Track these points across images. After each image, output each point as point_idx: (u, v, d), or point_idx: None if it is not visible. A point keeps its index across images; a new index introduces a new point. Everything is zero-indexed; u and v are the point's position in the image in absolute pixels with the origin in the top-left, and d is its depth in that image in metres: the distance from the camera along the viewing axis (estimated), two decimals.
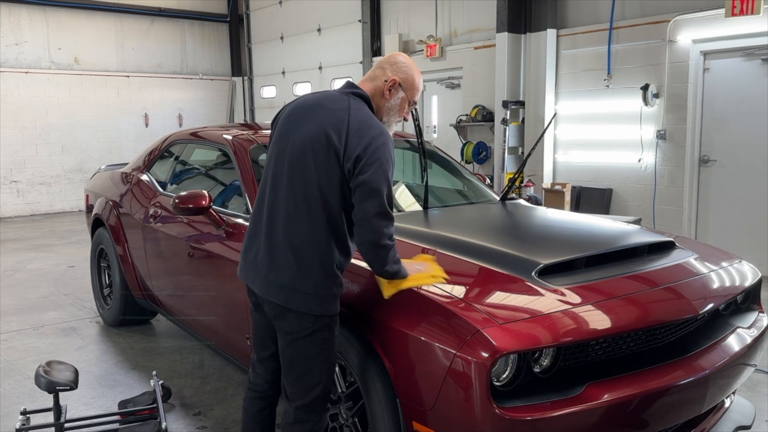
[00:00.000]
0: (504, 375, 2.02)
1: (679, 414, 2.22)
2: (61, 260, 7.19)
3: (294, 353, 2.15)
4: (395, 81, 2.20)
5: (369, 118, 2.12)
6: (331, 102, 2.15)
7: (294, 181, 2.09)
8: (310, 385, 2.15)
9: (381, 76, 2.22)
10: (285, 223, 2.09)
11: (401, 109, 2.26)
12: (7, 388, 3.71)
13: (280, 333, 2.17)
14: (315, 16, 11.16)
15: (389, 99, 2.21)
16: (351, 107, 2.12)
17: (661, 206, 6.62)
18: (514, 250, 2.52)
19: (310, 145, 2.08)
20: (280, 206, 2.11)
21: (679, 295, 2.39)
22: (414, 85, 2.24)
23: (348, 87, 2.23)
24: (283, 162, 2.14)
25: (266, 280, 2.12)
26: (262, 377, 2.38)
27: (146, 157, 4.63)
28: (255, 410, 2.39)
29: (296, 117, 2.19)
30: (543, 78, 7.44)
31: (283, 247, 2.08)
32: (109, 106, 11.65)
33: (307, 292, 2.07)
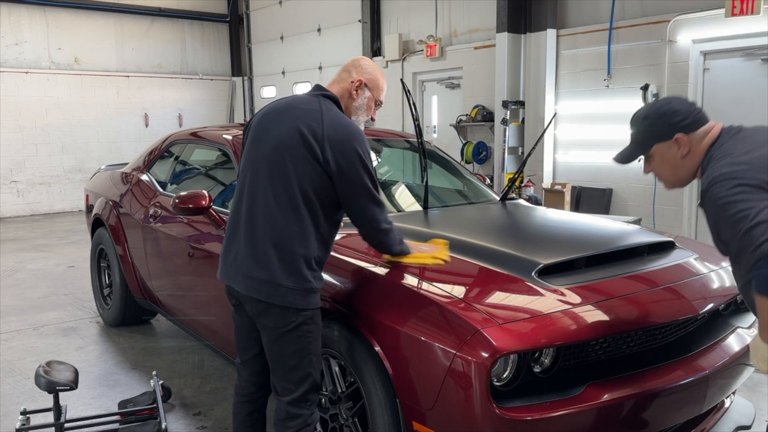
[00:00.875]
0: (504, 375, 2.01)
1: (679, 414, 2.22)
2: (61, 260, 7.19)
3: (280, 349, 2.18)
4: (361, 81, 2.31)
5: (340, 116, 2.22)
6: (302, 103, 2.24)
7: (274, 180, 2.15)
8: (299, 378, 2.19)
9: (347, 78, 2.33)
10: (266, 222, 2.14)
11: (368, 108, 2.36)
12: (7, 388, 3.71)
13: (264, 330, 2.20)
14: (315, 16, 11.16)
15: (356, 99, 2.32)
16: (322, 107, 2.21)
17: (661, 206, 6.62)
18: (514, 250, 2.52)
19: (287, 144, 2.15)
20: (259, 206, 2.16)
21: (679, 295, 2.39)
22: (378, 85, 2.35)
23: (316, 89, 2.31)
24: (260, 164, 2.20)
25: (248, 278, 2.15)
26: (248, 380, 2.41)
27: (146, 157, 4.63)
28: (244, 414, 2.42)
29: (269, 120, 2.26)
30: (543, 78, 7.44)
31: (264, 244, 2.13)
32: (109, 106, 11.65)
33: (290, 286, 2.11)
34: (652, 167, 1.98)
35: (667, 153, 1.91)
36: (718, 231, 1.75)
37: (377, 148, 4.00)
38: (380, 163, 3.99)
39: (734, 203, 1.63)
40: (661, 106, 1.93)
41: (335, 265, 2.51)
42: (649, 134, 1.93)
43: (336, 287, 2.44)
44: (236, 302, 2.30)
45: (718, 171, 1.71)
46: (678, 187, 1.99)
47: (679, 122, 1.90)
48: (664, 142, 1.90)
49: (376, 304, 2.28)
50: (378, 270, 2.41)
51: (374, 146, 3.98)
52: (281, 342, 2.16)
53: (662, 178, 1.99)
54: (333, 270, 2.49)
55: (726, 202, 1.64)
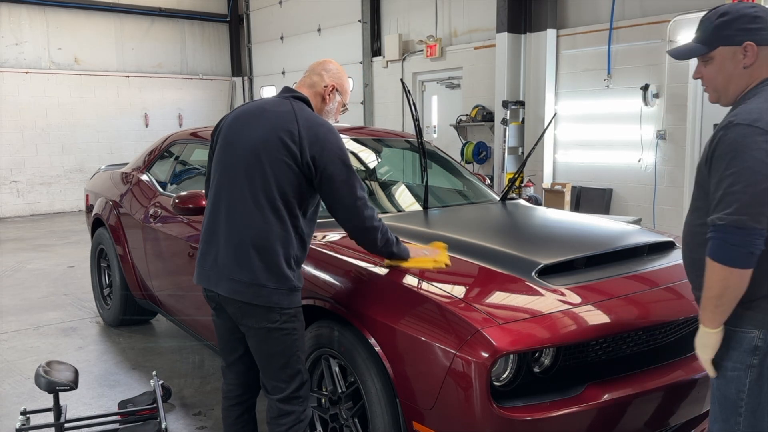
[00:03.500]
0: (504, 375, 2.02)
1: (679, 414, 2.22)
2: (61, 260, 7.19)
3: (268, 349, 2.20)
4: (333, 86, 2.35)
5: (314, 116, 2.25)
6: (274, 106, 2.25)
7: (252, 184, 2.15)
8: (288, 376, 2.22)
9: (320, 82, 2.34)
10: (246, 224, 2.15)
11: (337, 111, 2.41)
12: (7, 388, 3.71)
13: (250, 332, 2.21)
14: (315, 16, 11.16)
15: (328, 103, 2.36)
16: (295, 108, 2.22)
17: (661, 206, 6.62)
18: (514, 250, 2.52)
19: (263, 147, 2.16)
20: (238, 210, 2.17)
21: (679, 295, 2.39)
22: (346, 90, 2.41)
23: (286, 92, 2.32)
24: (236, 168, 2.20)
25: (231, 280, 2.16)
26: (234, 382, 2.42)
27: (146, 157, 4.63)
28: (234, 418, 2.43)
29: (241, 124, 2.26)
30: (543, 78, 7.44)
31: (245, 246, 2.14)
32: (109, 106, 11.66)
33: (273, 287, 2.13)
34: (705, 72, 1.80)
35: (730, 60, 1.74)
36: (712, 165, 1.66)
37: (377, 148, 4.00)
38: (380, 163, 3.99)
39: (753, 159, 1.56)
40: (744, 6, 1.74)
41: (335, 265, 2.51)
42: (718, 33, 1.74)
43: (336, 287, 2.44)
44: (216, 306, 2.31)
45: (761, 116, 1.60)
46: (721, 103, 1.82)
47: (756, 29, 1.71)
48: (731, 47, 1.72)
49: (376, 304, 2.28)
50: (378, 270, 2.41)
51: (374, 146, 3.98)
52: (268, 342, 2.19)
53: (711, 87, 1.81)
54: (333, 270, 2.50)
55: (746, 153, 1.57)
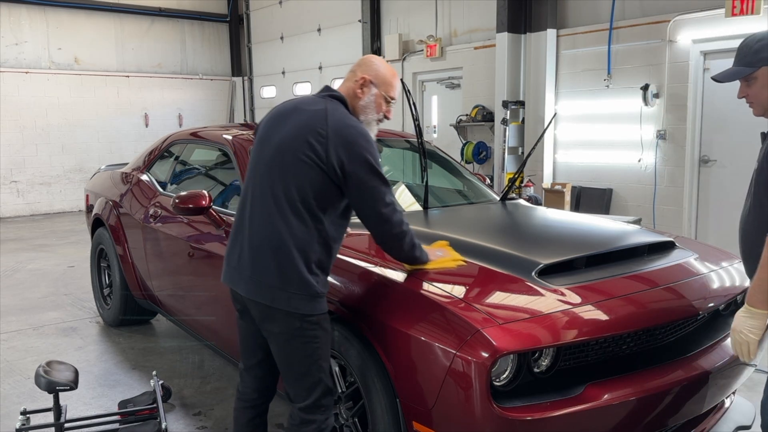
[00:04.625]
0: (504, 375, 2.02)
1: (679, 414, 2.22)
2: (61, 260, 7.19)
3: (288, 355, 2.15)
4: (365, 78, 2.23)
5: (346, 117, 2.17)
6: (307, 105, 2.20)
7: (275, 183, 2.12)
8: (310, 385, 2.15)
9: (352, 77, 2.27)
10: (265, 226, 2.11)
11: (378, 106, 2.26)
12: (7, 388, 3.71)
13: (271, 337, 2.17)
14: (315, 16, 11.16)
15: (362, 97, 2.24)
16: (328, 108, 2.16)
17: (661, 206, 6.62)
18: (514, 250, 2.52)
19: (289, 147, 2.12)
20: (260, 209, 2.14)
21: (679, 295, 2.39)
22: (386, 81, 2.26)
23: (324, 90, 2.28)
24: (263, 167, 2.17)
25: (251, 281, 2.12)
26: (250, 386, 2.39)
27: (146, 157, 4.63)
28: (246, 420, 2.40)
29: (275, 121, 2.23)
30: (543, 78, 7.44)
31: (264, 248, 2.10)
32: (109, 106, 11.65)
33: (292, 291, 2.07)
34: (750, 91, 2.03)
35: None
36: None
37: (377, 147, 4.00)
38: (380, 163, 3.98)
39: None
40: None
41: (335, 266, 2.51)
42: (759, 55, 1.97)
43: (336, 287, 2.44)
44: (241, 307, 2.27)
45: None
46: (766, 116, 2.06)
47: None
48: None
49: (376, 304, 2.28)
50: (378, 270, 2.41)
51: None
52: (289, 348, 2.13)
53: (757, 104, 2.04)
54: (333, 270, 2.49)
55: None
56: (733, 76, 2.03)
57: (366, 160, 2.09)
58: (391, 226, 2.16)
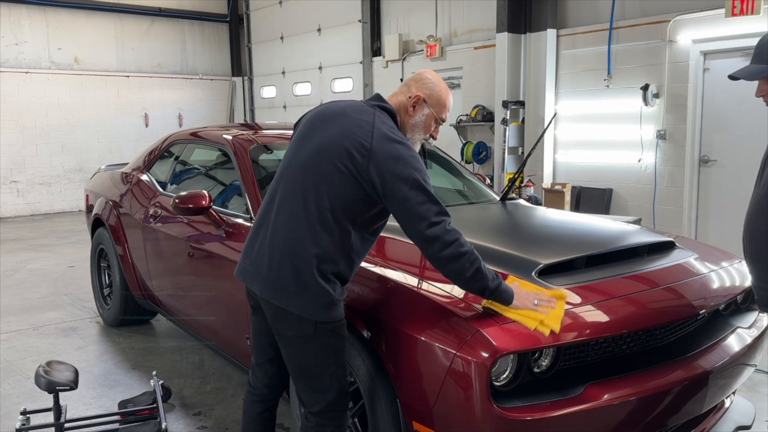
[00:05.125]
0: (504, 375, 2.01)
1: (679, 414, 2.22)
2: (61, 260, 7.19)
3: (300, 360, 2.10)
4: (419, 97, 2.14)
5: (392, 131, 2.06)
6: (355, 111, 2.09)
7: (307, 189, 2.03)
8: (321, 390, 2.10)
9: (406, 92, 2.17)
10: (288, 230, 2.04)
11: (427, 126, 2.19)
12: (7, 388, 3.71)
13: (283, 340, 2.12)
14: (315, 16, 11.16)
15: (413, 115, 2.15)
16: (375, 119, 2.05)
17: (661, 206, 6.62)
18: (514, 250, 2.52)
19: (328, 152, 2.02)
20: (287, 211, 2.06)
21: (679, 295, 2.39)
22: (441, 102, 2.16)
23: (375, 99, 2.17)
24: (298, 168, 2.08)
25: (267, 281, 2.06)
26: (261, 381, 2.36)
27: (146, 157, 4.63)
28: (255, 413, 2.37)
29: (319, 121, 2.13)
30: (543, 78, 7.44)
31: (282, 252, 2.03)
32: (109, 106, 11.65)
33: (307, 297, 2.01)
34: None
35: None
36: None
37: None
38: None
39: None
40: None
41: None
42: None
43: None
44: (254, 304, 2.23)
45: None
46: None
47: None
48: None
49: (376, 304, 2.28)
50: (378, 270, 2.41)
51: None
52: (301, 353, 2.09)
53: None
54: None
55: None
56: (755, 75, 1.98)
57: (410, 176, 1.96)
58: (433, 248, 1.97)
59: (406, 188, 1.96)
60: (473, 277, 1.98)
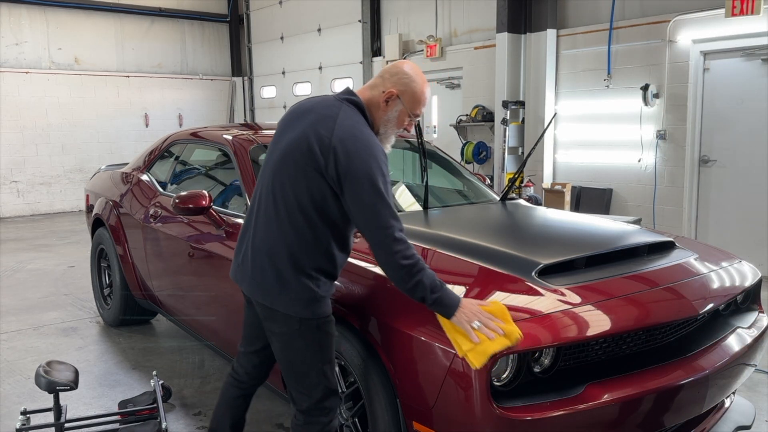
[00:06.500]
0: (504, 375, 2.02)
1: (679, 414, 2.22)
2: (61, 260, 7.19)
3: (288, 356, 2.14)
4: (393, 93, 2.08)
5: (356, 125, 2.02)
6: (322, 107, 2.08)
7: (277, 187, 2.07)
8: (309, 386, 2.13)
9: (380, 85, 2.11)
10: (266, 228, 2.09)
11: (400, 121, 2.14)
12: (7, 388, 3.71)
13: (272, 336, 2.17)
14: (315, 16, 11.16)
15: (387, 111, 2.11)
16: (340, 115, 2.02)
17: (661, 206, 6.63)
18: (514, 250, 2.52)
19: (293, 151, 2.04)
20: (264, 211, 2.12)
21: (679, 295, 2.39)
22: (415, 98, 2.10)
23: (344, 93, 2.14)
24: (270, 168, 2.13)
25: (253, 281, 2.12)
26: (244, 368, 2.44)
27: (146, 157, 4.63)
28: (230, 396, 2.46)
29: (289, 121, 2.15)
30: (543, 78, 7.44)
31: (261, 252, 2.09)
32: (109, 106, 11.65)
33: (290, 295, 2.05)
34: None
35: None
36: None
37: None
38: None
39: None
40: None
41: None
42: None
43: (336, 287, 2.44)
44: (247, 299, 2.30)
45: None
46: None
47: None
48: None
49: (376, 304, 2.28)
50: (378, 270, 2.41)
51: None
52: (289, 350, 2.13)
53: None
54: None
55: None
56: None
57: (367, 176, 1.93)
58: (385, 251, 1.96)
59: (361, 187, 1.93)
60: (414, 288, 1.96)
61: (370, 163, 1.95)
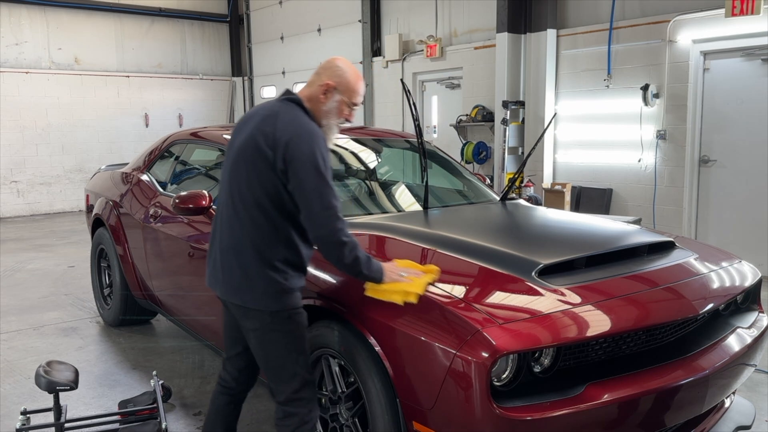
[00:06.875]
0: (504, 375, 2.02)
1: (679, 414, 2.22)
2: (61, 260, 7.19)
3: (264, 350, 2.24)
4: (329, 85, 2.24)
5: (296, 117, 2.17)
6: (264, 110, 2.25)
7: (232, 189, 2.21)
8: (286, 379, 2.23)
9: (316, 81, 2.27)
10: (229, 229, 2.22)
11: (340, 111, 2.28)
12: (7, 388, 3.71)
13: (247, 333, 2.27)
14: (315, 16, 11.16)
15: (325, 102, 2.25)
16: (280, 111, 2.19)
17: (661, 206, 6.63)
18: (514, 250, 2.52)
19: (242, 152, 2.19)
20: (225, 214, 2.24)
21: (679, 295, 2.39)
22: (350, 87, 2.26)
23: (284, 94, 2.32)
24: (226, 172, 2.27)
25: (225, 283, 2.24)
26: (230, 374, 2.50)
27: (146, 157, 4.63)
28: (221, 404, 2.51)
29: (238, 127, 2.31)
30: (543, 78, 7.44)
31: (229, 250, 2.20)
32: (109, 106, 11.65)
33: (258, 291, 2.15)
34: None
35: None
36: None
37: (377, 148, 4.00)
38: (380, 163, 3.99)
39: None
40: None
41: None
42: None
43: (336, 287, 2.44)
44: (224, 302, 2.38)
45: None
46: None
47: None
48: None
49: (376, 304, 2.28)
50: None
51: (374, 146, 3.98)
52: (263, 344, 2.23)
53: None
54: (333, 270, 2.49)
55: None
56: None
57: (310, 161, 2.07)
58: (328, 232, 2.09)
59: (303, 170, 2.07)
60: (352, 264, 2.13)
61: (313, 148, 2.10)
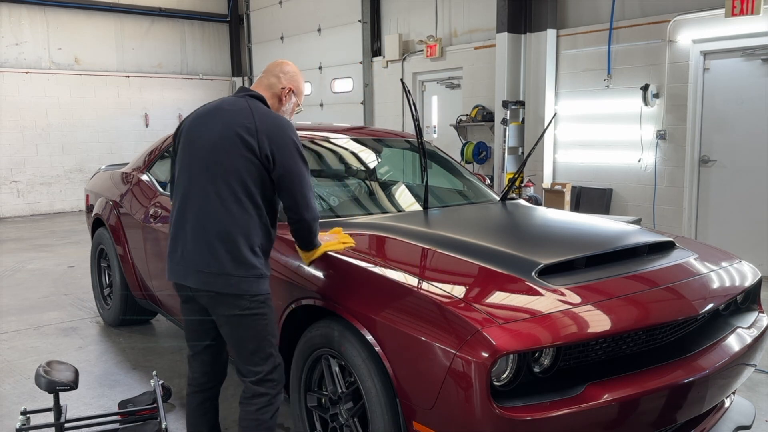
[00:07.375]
0: (504, 375, 2.02)
1: (679, 414, 2.22)
2: (61, 260, 7.19)
3: (240, 334, 2.32)
4: (290, 89, 2.49)
5: (270, 113, 2.37)
6: (230, 105, 2.38)
7: (215, 179, 2.28)
8: (260, 360, 2.33)
9: (277, 84, 2.48)
10: (210, 217, 2.27)
11: (292, 112, 2.55)
12: (7, 388, 3.71)
13: (221, 320, 2.33)
14: (315, 16, 11.16)
15: (284, 104, 2.50)
16: (252, 107, 2.34)
17: (661, 206, 6.63)
18: (514, 250, 2.52)
19: (222, 143, 2.28)
20: (203, 204, 2.29)
21: (679, 295, 2.39)
22: (300, 91, 2.54)
23: (242, 91, 2.45)
24: (197, 165, 2.33)
25: (200, 273, 2.28)
26: (199, 371, 2.54)
27: (146, 157, 4.63)
28: (196, 404, 2.56)
29: (200, 123, 2.39)
30: (543, 78, 7.44)
31: (212, 239, 2.26)
32: (109, 106, 11.66)
33: (241, 275, 2.25)
34: None
35: None
36: None
37: (377, 148, 4.00)
38: (380, 163, 3.99)
39: None
40: None
41: (335, 265, 2.51)
42: None
43: (336, 287, 2.44)
44: (186, 298, 2.43)
45: None
46: None
47: None
48: None
49: (376, 304, 2.28)
50: (378, 270, 2.41)
51: (374, 146, 3.98)
52: (240, 328, 2.31)
53: None
54: (333, 270, 2.50)
55: None
56: None
57: (296, 150, 2.29)
58: (311, 212, 2.33)
59: (293, 161, 2.29)
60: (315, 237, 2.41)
61: (293, 137, 2.32)
